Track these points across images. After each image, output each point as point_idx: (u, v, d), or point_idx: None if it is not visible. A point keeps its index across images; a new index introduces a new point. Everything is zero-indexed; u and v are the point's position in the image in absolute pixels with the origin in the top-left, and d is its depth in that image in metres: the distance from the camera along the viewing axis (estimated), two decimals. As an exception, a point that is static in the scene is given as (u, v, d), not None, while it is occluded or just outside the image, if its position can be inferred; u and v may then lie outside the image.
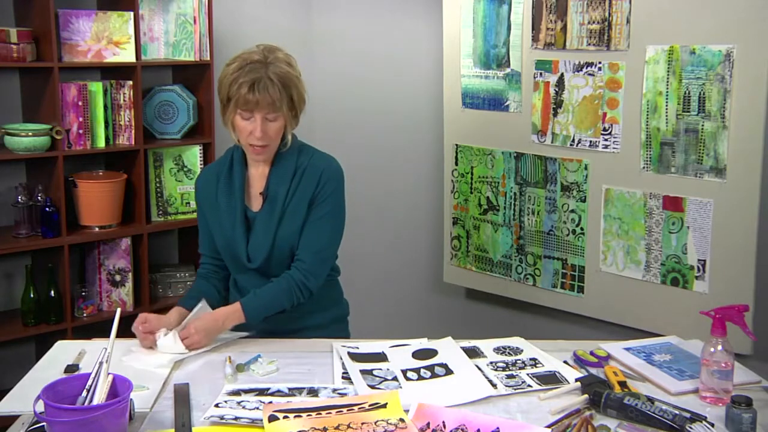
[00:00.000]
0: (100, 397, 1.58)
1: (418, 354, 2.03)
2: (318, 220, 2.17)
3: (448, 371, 1.93)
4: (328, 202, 2.18)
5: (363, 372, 1.90)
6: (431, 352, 2.04)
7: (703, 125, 2.76)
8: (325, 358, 2.02)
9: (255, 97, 2.05)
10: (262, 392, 1.81)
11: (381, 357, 2.01)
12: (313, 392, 1.81)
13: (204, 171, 2.34)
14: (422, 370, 1.93)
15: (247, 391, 1.81)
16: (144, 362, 1.97)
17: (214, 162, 2.34)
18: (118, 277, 3.28)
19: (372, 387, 1.83)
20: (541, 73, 3.16)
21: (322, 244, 2.18)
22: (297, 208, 2.17)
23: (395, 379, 1.88)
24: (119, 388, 1.62)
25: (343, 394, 1.80)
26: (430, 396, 1.79)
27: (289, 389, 1.82)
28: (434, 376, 1.91)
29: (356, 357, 1.99)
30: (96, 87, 3.16)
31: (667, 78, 2.82)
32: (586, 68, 3.02)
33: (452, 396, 1.80)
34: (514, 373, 1.93)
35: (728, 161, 2.72)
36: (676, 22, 2.78)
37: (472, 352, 2.05)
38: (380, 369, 1.93)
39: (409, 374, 1.91)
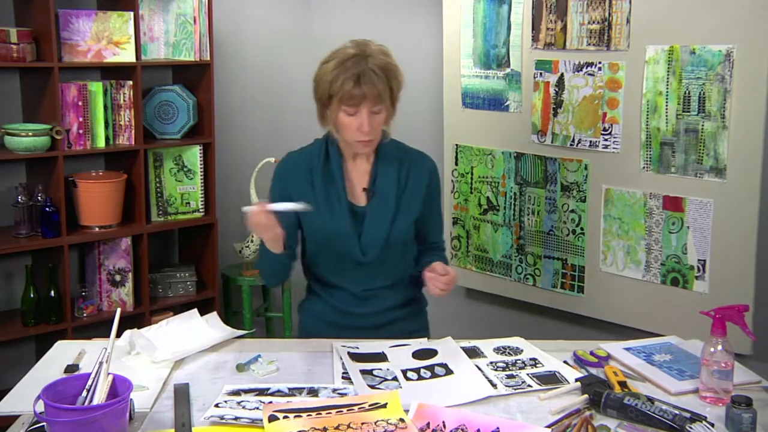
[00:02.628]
0: (100, 397, 1.58)
1: (419, 354, 2.03)
2: (438, 211, 2.34)
3: (448, 371, 1.93)
4: (440, 195, 2.35)
5: (363, 372, 1.90)
6: (431, 352, 2.04)
7: (703, 125, 2.76)
8: (325, 358, 2.02)
9: (362, 91, 2.05)
10: (262, 392, 1.81)
11: (381, 357, 2.01)
12: (313, 392, 1.81)
13: (289, 160, 2.27)
14: (422, 370, 1.93)
15: (247, 391, 1.81)
16: (144, 361, 1.97)
17: (298, 152, 2.28)
18: (118, 277, 3.28)
19: (372, 387, 1.83)
20: (541, 73, 3.16)
21: (443, 229, 2.38)
22: (410, 204, 2.22)
23: (395, 379, 1.88)
24: (119, 388, 1.62)
25: (343, 394, 1.80)
26: (430, 396, 1.79)
27: (289, 389, 1.82)
28: (434, 376, 1.91)
29: (356, 357, 1.99)
30: (96, 87, 3.16)
31: (667, 78, 2.82)
32: (586, 68, 3.02)
33: (452, 396, 1.80)
34: (514, 373, 1.93)
35: (728, 161, 2.72)
36: (676, 22, 2.78)
37: (472, 352, 2.05)
38: (380, 369, 1.93)
39: (409, 374, 1.91)
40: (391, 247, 2.19)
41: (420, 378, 1.89)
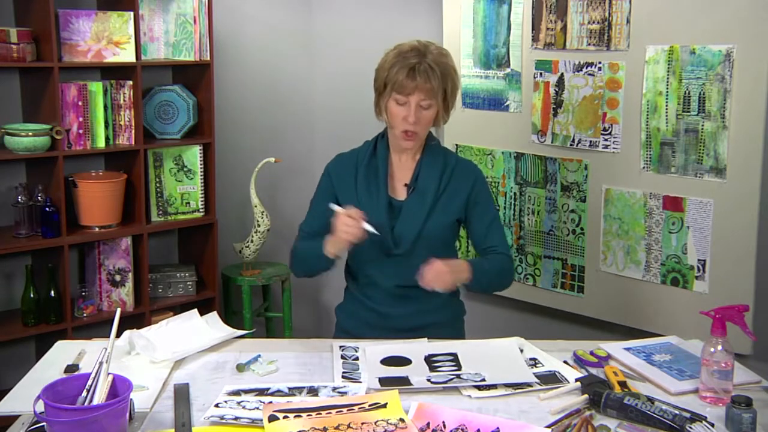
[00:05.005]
0: (100, 397, 1.59)
1: (388, 362, 1.98)
2: (491, 217, 2.30)
3: (456, 360, 1.96)
4: (491, 202, 2.34)
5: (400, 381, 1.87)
6: (403, 360, 1.98)
7: (703, 125, 2.76)
8: (325, 358, 2.02)
9: (414, 82, 2.11)
10: (262, 392, 1.81)
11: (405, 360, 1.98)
12: (313, 391, 1.81)
13: (338, 158, 2.37)
14: (438, 366, 1.93)
15: (247, 391, 1.81)
16: (144, 360, 1.97)
17: (349, 152, 2.37)
18: (118, 277, 3.28)
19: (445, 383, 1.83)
20: (541, 73, 3.16)
21: (504, 238, 2.34)
22: (449, 204, 2.25)
23: (429, 380, 1.87)
24: (119, 388, 1.62)
25: (343, 393, 1.80)
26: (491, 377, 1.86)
27: (289, 389, 1.82)
28: (457, 364, 1.94)
29: (387, 361, 1.96)
30: (96, 87, 3.16)
31: (667, 78, 2.82)
32: (586, 68, 3.02)
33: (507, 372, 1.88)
34: (515, 373, 1.93)
35: (728, 161, 2.72)
36: (676, 22, 2.78)
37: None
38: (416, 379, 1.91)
39: (434, 378, 1.89)
40: (425, 242, 2.22)
41: (450, 371, 1.91)
